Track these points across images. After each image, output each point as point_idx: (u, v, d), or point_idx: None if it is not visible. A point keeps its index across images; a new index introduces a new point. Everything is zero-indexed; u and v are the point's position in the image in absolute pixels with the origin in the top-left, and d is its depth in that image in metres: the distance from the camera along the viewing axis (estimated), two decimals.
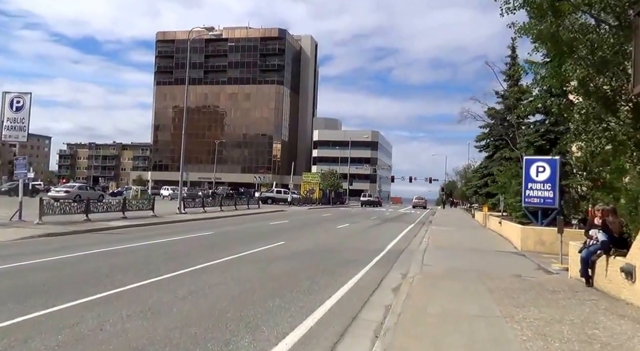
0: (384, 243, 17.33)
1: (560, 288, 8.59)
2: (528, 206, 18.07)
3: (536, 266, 12.55)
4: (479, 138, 34.27)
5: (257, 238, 16.81)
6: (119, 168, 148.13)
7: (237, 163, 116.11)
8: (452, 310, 6.67)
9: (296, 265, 11.12)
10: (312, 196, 64.65)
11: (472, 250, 16.05)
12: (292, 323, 6.03)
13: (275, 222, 25.91)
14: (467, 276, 10.01)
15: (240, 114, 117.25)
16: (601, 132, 8.90)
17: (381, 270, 11.10)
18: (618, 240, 7.97)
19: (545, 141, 19.32)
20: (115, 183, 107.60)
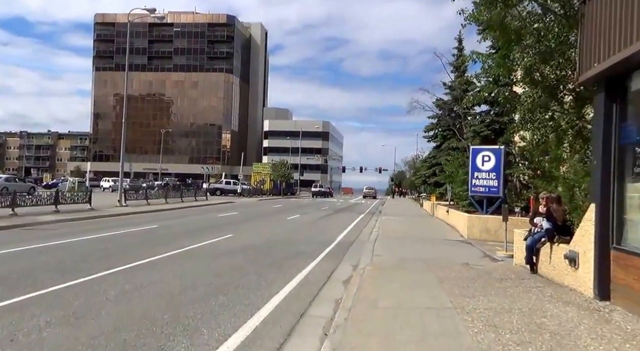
0: (335, 234, 17.15)
1: (507, 276, 8.65)
2: (474, 195, 18.47)
3: (482, 254, 12.75)
4: (427, 128, 34.83)
5: (203, 231, 16.15)
6: (55, 158, 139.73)
7: (185, 154, 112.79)
8: (403, 303, 6.48)
9: (243, 259, 10.67)
10: (263, 187, 63.82)
11: (421, 239, 16.17)
12: (235, 324, 5.61)
13: (223, 214, 25.18)
14: (417, 266, 9.95)
15: (187, 103, 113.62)
16: (547, 121, 9.03)
17: (331, 262, 10.86)
18: (562, 228, 8.10)
19: (491, 131, 19.79)
20: (51, 174, 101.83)
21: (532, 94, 8.84)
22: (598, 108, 6.34)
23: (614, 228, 6.02)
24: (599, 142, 6.23)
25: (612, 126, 6.06)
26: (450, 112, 30.79)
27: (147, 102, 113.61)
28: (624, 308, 5.78)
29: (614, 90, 6.04)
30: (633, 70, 5.59)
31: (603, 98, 6.13)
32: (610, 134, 6.07)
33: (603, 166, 6.11)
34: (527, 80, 8.97)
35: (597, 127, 6.32)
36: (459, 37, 30.39)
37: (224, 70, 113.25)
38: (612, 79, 6.02)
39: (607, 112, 6.07)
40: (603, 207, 6.12)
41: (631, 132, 5.79)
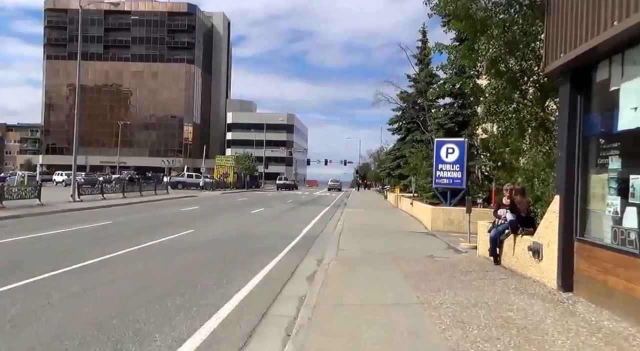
0: (300, 227, 16.89)
1: (472, 268, 8.63)
2: (438, 187, 18.58)
3: (446, 245, 12.79)
4: (392, 121, 34.97)
5: (163, 227, 15.54)
6: (3, 151, 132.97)
7: (145, 147, 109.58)
8: (369, 299, 6.28)
9: (204, 256, 10.25)
10: (226, 180, 62.81)
11: (386, 231, 16.14)
12: (192, 327, 5.25)
13: (184, 208, 24.47)
14: (382, 260, 9.82)
15: (147, 94, 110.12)
16: (511, 112, 9.04)
17: (296, 257, 10.59)
18: (525, 220, 8.11)
19: (455, 124, 19.95)
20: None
21: (497, 85, 8.80)
22: (563, 100, 6.31)
23: (577, 220, 6.01)
24: (563, 133, 6.20)
25: (577, 117, 6.02)
26: (414, 105, 30.96)
27: (103, 92, 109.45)
28: (587, 299, 5.78)
29: (580, 81, 6.00)
30: (599, 61, 5.54)
31: (568, 90, 6.09)
32: (575, 126, 6.04)
33: (568, 157, 6.07)
34: (493, 72, 8.93)
35: (562, 118, 6.29)
36: (423, 29, 30.58)
37: (185, 61, 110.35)
38: (578, 70, 5.98)
39: (572, 103, 6.04)
40: (567, 199, 6.10)
41: (595, 124, 5.77)
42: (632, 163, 5.00)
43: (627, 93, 5.08)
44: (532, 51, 8.39)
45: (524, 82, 8.94)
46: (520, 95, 8.92)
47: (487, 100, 9.49)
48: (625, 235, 5.04)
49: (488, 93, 9.51)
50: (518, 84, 8.87)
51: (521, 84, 8.93)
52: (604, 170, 5.56)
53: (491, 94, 9.34)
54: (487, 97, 9.55)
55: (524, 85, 8.97)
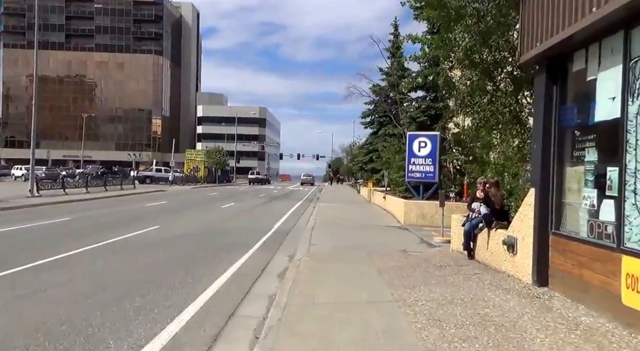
0: (271, 222, 16.54)
1: (446, 263, 8.50)
2: (411, 181, 18.53)
3: (419, 240, 12.71)
4: (364, 114, 34.86)
5: (127, 222, 14.93)
6: None
7: (111, 140, 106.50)
8: (342, 298, 6.03)
9: (170, 253, 9.82)
10: (197, 174, 61.69)
11: (359, 226, 15.98)
12: (151, 331, 4.88)
13: (152, 203, 23.73)
14: (355, 255, 9.60)
15: (112, 86, 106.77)
16: (486, 104, 8.92)
17: (267, 253, 10.27)
18: (499, 213, 8.02)
19: (427, 117, 19.91)
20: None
21: (471, 76, 8.65)
22: (538, 91, 6.18)
23: (553, 213, 5.90)
24: (539, 125, 6.07)
25: (552, 109, 5.90)
26: (386, 98, 30.91)
27: (66, 83, 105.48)
28: (563, 294, 5.69)
29: (555, 72, 5.87)
30: (575, 50, 5.41)
31: (544, 80, 5.95)
32: (551, 117, 5.92)
33: (543, 150, 5.95)
34: (467, 63, 8.79)
35: (538, 109, 6.16)
36: (395, 23, 30.49)
37: (152, 52, 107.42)
38: (554, 60, 5.84)
39: (548, 94, 5.91)
40: (543, 192, 5.98)
41: (571, 115, 5.65)
42: (608, 155, 4.89)
43: (604, 83, 4.96)
44: (507, 42, 8.29)
45: (498, 73, 8.83)
46: (495, 86, 8.82)
47: (461, 91, 9.35)
48: (602, 228, 4.94)
49: (462, 84, 9.38)
50: (492, 76, 8.77)
51: (495, 75, 8.83)
52: (580, 163, 5.45)
53: (465, 85, 9.20)
54: (461, 88, 9.41)
55: (498, 76, 8.87)
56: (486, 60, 8.45)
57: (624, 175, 4.53)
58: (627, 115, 4.49)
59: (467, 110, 9.52)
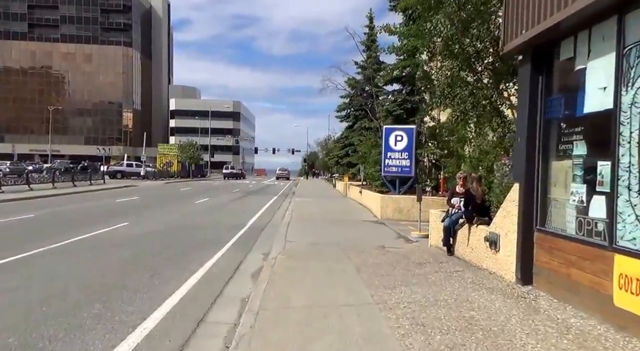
0: (246, 218, 16.09)
1: (425, 260, 8.25)
2: (387, 175, 18.32)
3: (397, 235, 12.50)
4: (339, 108, 34.52)
5: (95, 219, 14.23)
6: None
7: (80, 134, 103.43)
8: (319, 300, 5.68)
9: (137, 252, 9.29)
10: (170, 169, 60.43)
11: (335, 221, 15.68)
12: (109, 342, 4.43)
13: (122, 199, 22.89)
14: (332, 252, 9.28)
15: (80, 78, 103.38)
16: (467, 96, 8.66)
17: (240, 251, 9.85)
18: (481, 209, 7.79)
19: (403, 110, 19.69)
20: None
21: (452, 67, 8.35)
22: (523, 81, 5.93)
23: (538, 209, 5.68)
24: (523, 117, 5.82)
25: (538, 100, 5.65)
26: (362, 92, 30.64)
27: (30, 75, 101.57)
28: (548, 293, 5.48)
29: (541, 61, 5.62)
30: (563, 38, 5.16)
31: (529, 70, 5.70)
32: (536, 109, 5.67)
33: (528, 143, 5.71)
34: (446, 53, 8.50)
35: (522, 101, 5.92)
36: (370, 15, 30.14)
37: (122, 43, 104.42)
38: (540, 48, 5.59)
39: (533, 85, 5.66)
40: (527, 187, 5.75)
41: (558, 106, 5.41)
42: (599, 148, 4.66)
43: (594, 72, 4.72)
44: (488, 31, 8.03)
45: (480, 64, 8.58)
46: (476, 78, 8.56)
47: (441, 83, 9.07)
48: (591, 225, 4.71)
49: (442, 76, 9.10)
50: (472, 67, 8.52)
51: (476, 66, 8.58)
52: (567, 157, 5.22)
53: (445, 77, 8.93)
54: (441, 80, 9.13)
55: (479, 67, 8.62)
56: (467, 51, 8.18)
57: (617, 169, 4.29)
58: (621, 105, 4.26)
59: (447, 102, 9.27)
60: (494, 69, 8.43)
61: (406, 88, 20.00)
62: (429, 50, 9.42)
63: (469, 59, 8.27)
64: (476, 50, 8.19)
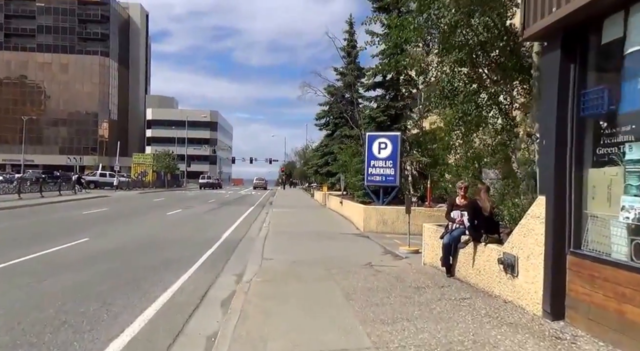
0: (220, 231, 14.82)
1: (423, 283, 7.17)
2: (370, 184, 17.30)
3: (383, 250, 11.51)
4: (319, 116, 33.52)
5: (52, 235, 12.78)
6: None
7: (55, 144, 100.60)
8: (302, 341, 4.53)
9: (91, 275, 7.99)
10: (145, 179, 58.55)
11: (316, 233, 14.57)
12: None
13: (90, 210, 21.30)
14: (315, 273, 8.15)
15: (56, 88, 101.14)
16: (471, 94, 7.64)
17: (210, 272, 8.64)
18: (489, 224, 6.74)
19: (387, 116, 18.76)
20: None
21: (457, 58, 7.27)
22: (550, 72, 4.93)
23: (571, 228, 4.65)
24: (550, 115, 4.83)
25: (568, 94, 4.67)
26: (342, 99, 29.72)
27: (5, 85, 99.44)
28: (589, 332, 4.43)
29: (573, 46, 4.65)
30: (606, 15, 4.20)
31: (558, 58, 4.72)
32: (566, 105, 4.69)
33: (557, 147, 4.70)
34: (447, 45, 7.49)
35: (549, 96, 4.92)
36: (350, 20, 29.33)
37: (99, 53, 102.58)
38: (572, 31, 4.61)
39: (563, 76, 4.68)
40: (557, 200, 4.72)
41: (596, 101, 4.40)
42: None
43: None
44: (499, 17, 7.06)
45: (485, 58, 7.58)
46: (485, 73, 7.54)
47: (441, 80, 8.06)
48: None
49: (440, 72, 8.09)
50: (477, 61, 7.54)
51: (480, 61, 7.60)
52: (610, 163, 4.22)
53: (445, 74, 7.90)
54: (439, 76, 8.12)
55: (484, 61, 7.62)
56: (470, 42, 7.18)
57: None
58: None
59: (447, 103, 8.23)
60: (500, 64, 7.46)
61: (389, 93, 19.11)
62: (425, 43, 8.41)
63: (473, 51, 7.27)
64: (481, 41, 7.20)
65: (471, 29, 7.02)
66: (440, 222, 13.72)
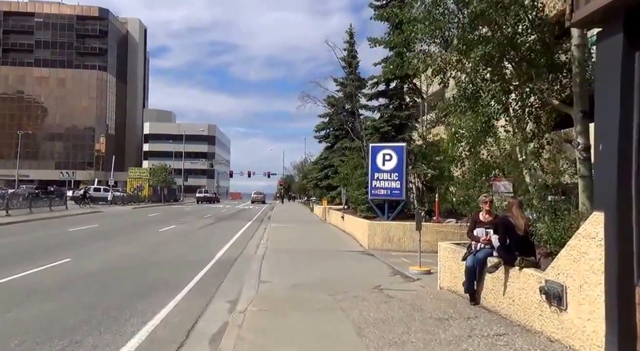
0: (214, 249, 13.86)
1: (446, 313, 6.21)
2: (374, 198, 16.37)
3: (391, 270, 10.61)
4: (318, 128, 32.72)
5: (29, 255, 11.79)
6: None
7: (51, 159, 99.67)
8: None
9: (63, 304, 7.03)
10: (141, 193, 57.50)
11: (317, 252, 13.64)
12: None
13: (78, 227, 20.27)
14: (319, 300, 7.21)
15: (53, 102, 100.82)
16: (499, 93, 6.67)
17: (201, 298, 7.69)
18: (523, 244, 5.78)
19: (391, 126, 17.92)
20: None
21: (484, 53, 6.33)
22: (608, 62, 4.05)
23: None
24: (610, 114, 3.95)
25: (633, 88, 3.80)
26: (342, 110, 28.95)
27: (2, 100, 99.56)
28: None
29: (638, 29, 3.79)
30: None
31: (620, 45, 3.84)
32: (631, 101, 3.81)
33: (620, 151, 3.81)
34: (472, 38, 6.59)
35: (608, 91, 4.03)
36: (350, 31, 28.67)
37: (96, 68, 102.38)
38: (636, 11, 3.75)
39: (627, 66, 3.81)
40: (621, 218, 3.81)
41: None
42: None
43: None
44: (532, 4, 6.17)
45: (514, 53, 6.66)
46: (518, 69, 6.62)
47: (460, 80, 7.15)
48: None
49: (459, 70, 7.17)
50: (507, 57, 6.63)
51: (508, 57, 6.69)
52: None
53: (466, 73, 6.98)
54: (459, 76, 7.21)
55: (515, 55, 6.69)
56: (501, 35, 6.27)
57: None
58: None
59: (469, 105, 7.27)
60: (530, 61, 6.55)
61: (393, 102, 18.29)
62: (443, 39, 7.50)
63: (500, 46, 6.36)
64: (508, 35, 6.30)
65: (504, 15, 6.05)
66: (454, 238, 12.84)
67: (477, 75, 6.95)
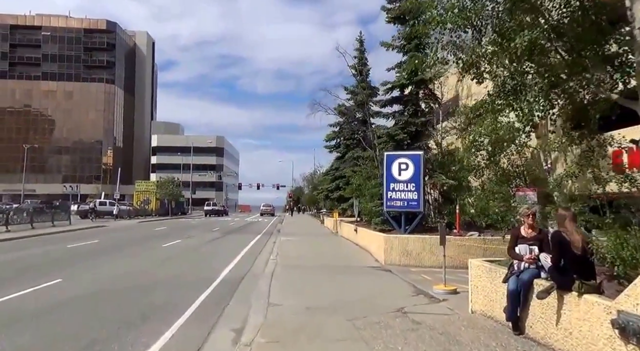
0: (219, 267, 12.94)
1: (487, 346, 5.24)
2: (390, 210, 15.41)
3: (413, 289, 9.69)
4: (328, 137, 31.84)
5: (19, 275, 10.97)
6: None
7: (58, 173, 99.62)
8: None
9: (41, 336, 6.15)
10: (148, 207, 56.89)
11: (330, 267, 12.73)
12: None
13: (77, 243, 19.44)
14: (336, 327, 6.30)
15: (61, 116, 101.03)
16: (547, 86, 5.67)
17: (202, 326, 6.77)
18: (581, 265, 4.80)
19: (406, 134, 17.00)
20: None
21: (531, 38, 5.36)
22: None
23: None
24: None
25: None
26: (353, 119, 28.10)
27: (8, 113, 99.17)
28: None
29: None
30: None
31: None
32: None
33: None
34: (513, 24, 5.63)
35: None
36: (360, 38, 27.93)
37: (104, 80, 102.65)
38: None
39: None
40: None
41: None
42: None
43: None
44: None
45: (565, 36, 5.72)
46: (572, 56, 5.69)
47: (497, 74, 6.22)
48: None
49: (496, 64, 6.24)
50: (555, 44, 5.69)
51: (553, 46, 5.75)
52: None
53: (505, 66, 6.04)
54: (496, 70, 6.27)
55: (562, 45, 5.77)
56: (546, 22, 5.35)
57: None
58: None
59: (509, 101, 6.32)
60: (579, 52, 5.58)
61: (409, 109, 17.38)
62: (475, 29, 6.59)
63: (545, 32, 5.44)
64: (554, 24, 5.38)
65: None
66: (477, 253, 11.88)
67: (518, 68, 6.01)
